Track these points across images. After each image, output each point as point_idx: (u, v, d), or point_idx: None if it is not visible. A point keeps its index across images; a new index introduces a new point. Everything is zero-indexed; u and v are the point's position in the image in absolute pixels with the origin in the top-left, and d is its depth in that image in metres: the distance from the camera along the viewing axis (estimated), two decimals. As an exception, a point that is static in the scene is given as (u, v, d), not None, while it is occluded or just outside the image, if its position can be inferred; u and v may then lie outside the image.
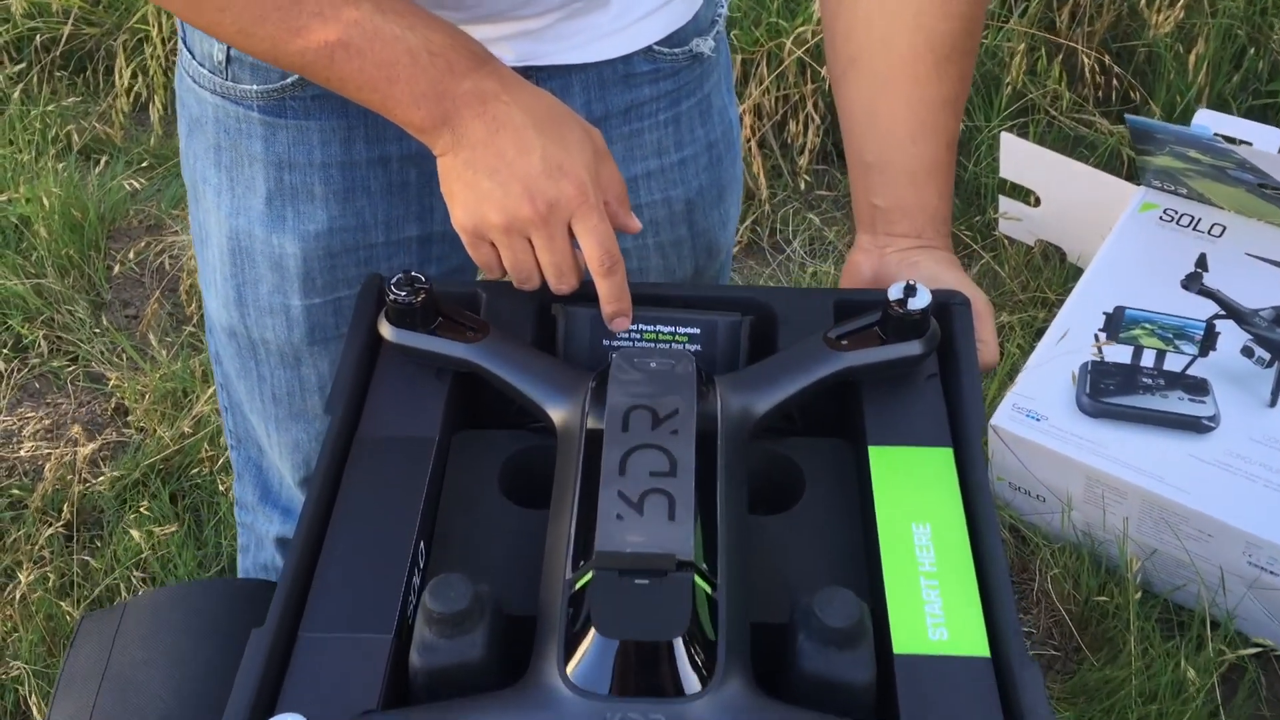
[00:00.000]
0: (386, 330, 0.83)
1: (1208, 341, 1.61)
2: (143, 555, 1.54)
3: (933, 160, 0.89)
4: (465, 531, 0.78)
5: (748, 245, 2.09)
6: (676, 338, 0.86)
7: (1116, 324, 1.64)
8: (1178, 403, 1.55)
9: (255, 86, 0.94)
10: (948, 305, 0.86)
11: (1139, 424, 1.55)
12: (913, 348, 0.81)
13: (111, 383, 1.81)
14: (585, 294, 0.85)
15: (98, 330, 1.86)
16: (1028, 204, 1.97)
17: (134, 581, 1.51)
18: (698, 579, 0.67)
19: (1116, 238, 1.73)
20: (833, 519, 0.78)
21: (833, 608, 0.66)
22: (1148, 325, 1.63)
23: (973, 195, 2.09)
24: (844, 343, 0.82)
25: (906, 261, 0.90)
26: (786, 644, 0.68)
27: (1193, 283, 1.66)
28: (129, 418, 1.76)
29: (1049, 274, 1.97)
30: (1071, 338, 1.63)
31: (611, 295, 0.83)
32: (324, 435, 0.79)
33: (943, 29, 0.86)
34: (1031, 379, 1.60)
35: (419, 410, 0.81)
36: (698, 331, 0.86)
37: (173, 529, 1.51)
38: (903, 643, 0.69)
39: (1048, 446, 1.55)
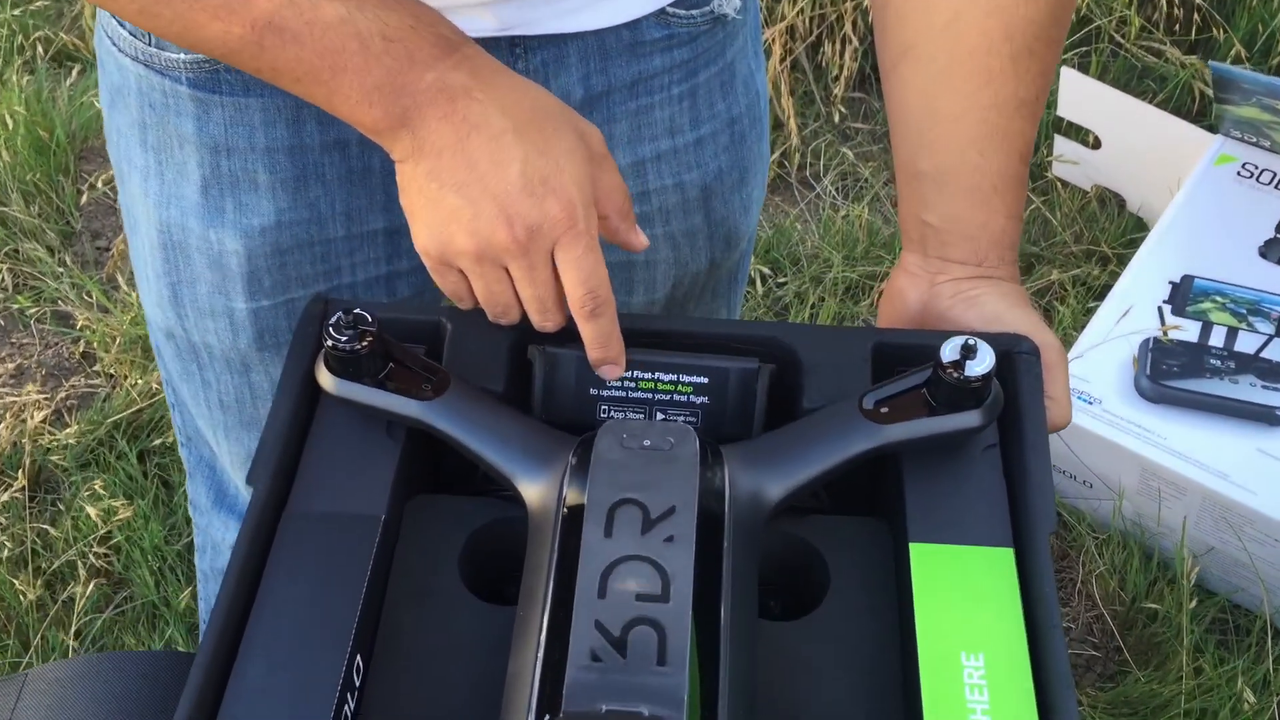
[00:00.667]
0: (325, 379, 0.68)
1: (1286, 319, 1.44)
2: (106, 528, 1.42)
3: (1001, 173, 0.73)
4: (415, 637, 0.64)
5: (774, 181, 1.92)
6: (680, 388, 0.71)
7: (1183, 295, 1.47)
8: (1249, 389, 1.40)
9: (183, 56, 0.77)
10: (1011, 355, 0.71)
11: (1204, 412, 1.40)
12: (969, 419, 0.66)
13: (80, 324, 1.67)
14: (574, 330, 0.70)
15: (62, 267, 1.71)
16: (1086, 145, 1.79)
17: (92, 559, 1.39)
18: (691, 747, 0.53)
19: (1188, 194, 1.55)
20: (862, 631, 0.64)
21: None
22: (1219, 298, 1.46)
23: (1025, 131, 1.90)
24: (884, 410, 0.66)
25: (963, 295, 0.74)
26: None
27: (1272, 250, 1.49)
28: (96, 366, 1.63)
29: (1105, 223, 1.79)
30: (1132, 311, 1.46)
31: (597, 340, 0.68)
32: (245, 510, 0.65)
33: (1024, 14, 0.69)
34: (1085, 357, 1.44)
35: (364, 479, 0.67)
36: (705, 381, 0.71)
37: (128, 514, 1.38)
38: (946, 821, 0.56)
39: (1100, 435, 1.40)
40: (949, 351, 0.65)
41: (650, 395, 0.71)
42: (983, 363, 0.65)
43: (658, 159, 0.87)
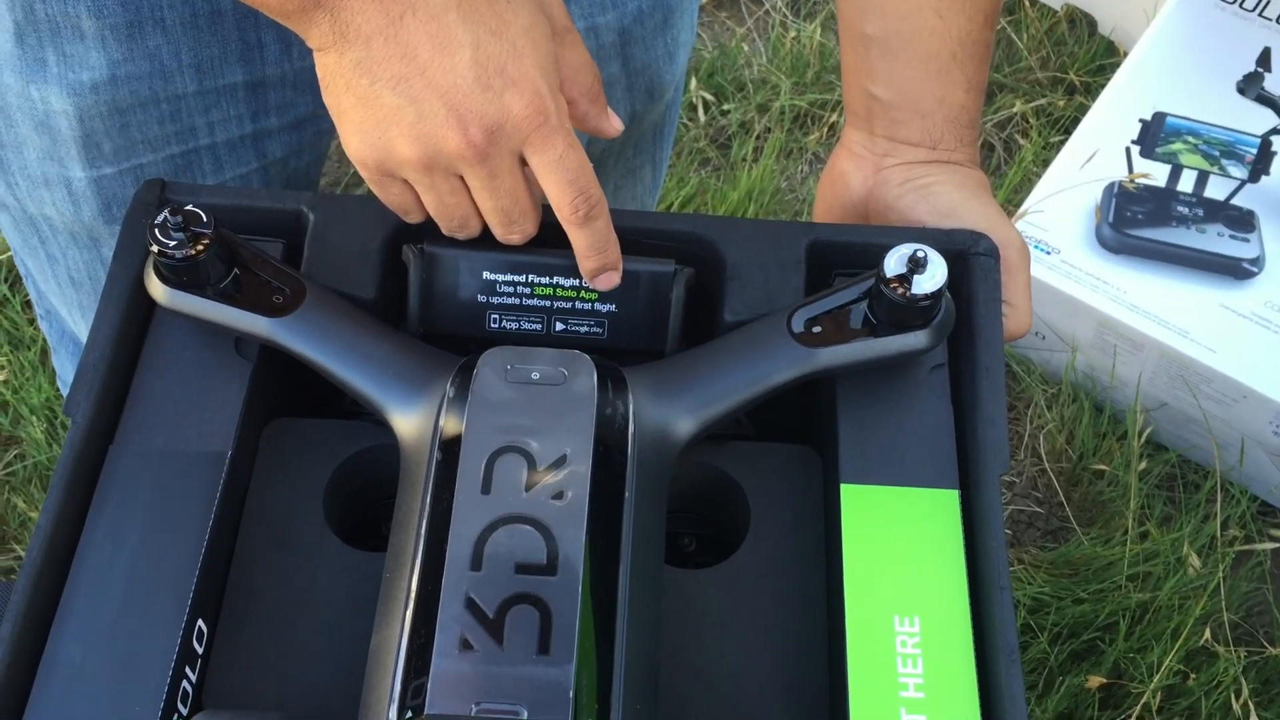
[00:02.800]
0: (156, 289, 0.57)
1: (1261, 163, 1.34)
2: (-12, 383, 1.32)
3: (963, 39, 0.62)
4: (269, 592, 0.55)
5: (721, -5, 1.76)
6: (583, 294, 0.61)
7: (1154, 135, 1.37)
8: (1216, 240, 1.31)
9: None
10: (966, 256, 0.61)
11: (1168, 263, 1.31)
12: (914, 340, 0.57)
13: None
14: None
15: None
16: (1058, -39, 1.65)
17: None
18: (578, 748, 0.46)
19: (1164, 20, 1.42)
20: (784, 583, 0.56)
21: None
22: (1191, 138, 1.36)
23: (993, -58, 1.75)
24: (816, 330, 0.57)
25: (913, 183, 0.64)
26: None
27: (1251, 85, 1.38)
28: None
29: (1075, 47, 1.67)
30: (1098, 154, 1.36)
31: (593, 247, 0.58)
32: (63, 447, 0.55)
33: None
34: (1045, 203, 1.34)
35: (208, 406, 0.57)
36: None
37: (1, 378, 1.27)
38: (871, 813, 0.49)
39: (1056, 287, 1.31)
40: (894, 264, 0.55)
41: (548, 303, 0.61)
42: (933, 277, 0.55)
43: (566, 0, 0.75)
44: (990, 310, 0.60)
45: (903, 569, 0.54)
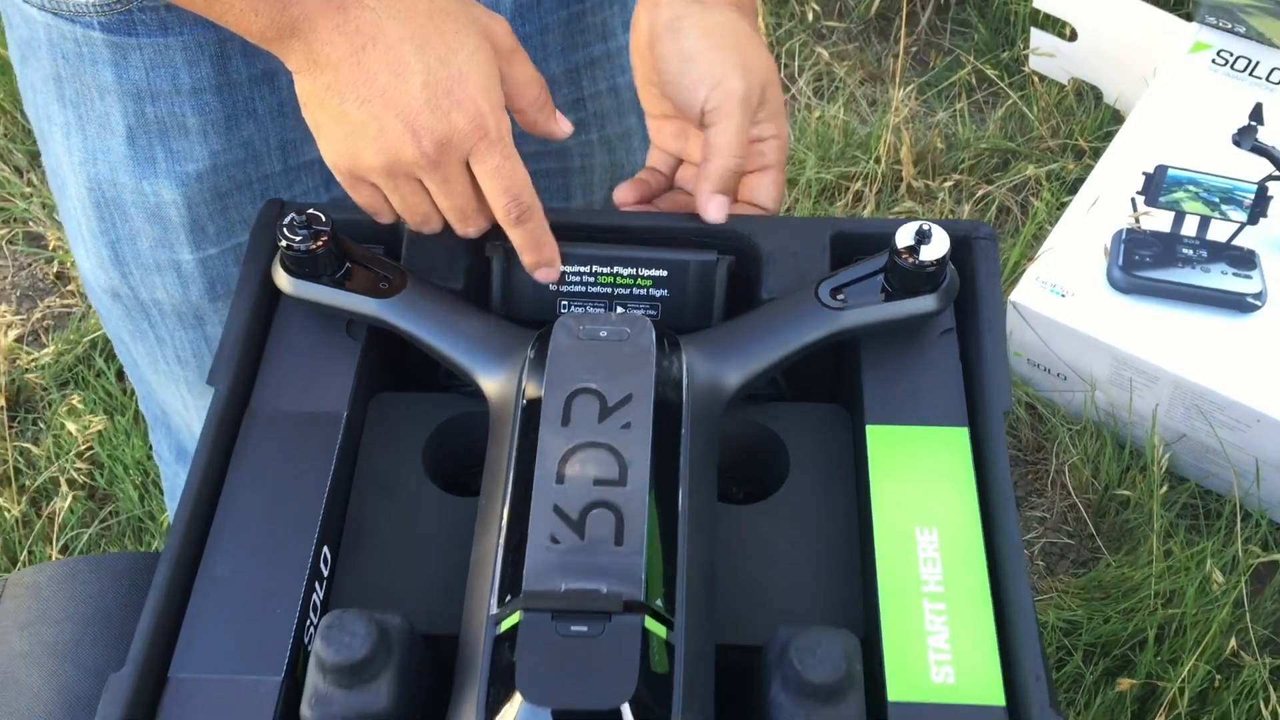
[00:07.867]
0: (282, 280, 0.68)
1: (1258, 207, 1.44)
2: (87, 445, 1.43)
3: None
4: (380, 528, 0.65)
5: (750, 82, 1.90)
6: (639, 281, 0.72)
7: (1157, 186, 1.47)
8: (1220, 277, 1.40)
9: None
10: (968, 240, 0.71)
11: (1176, 301, 1.40)
12: (925, 304, 0.67)
13: (52, 244, 1.66)
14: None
15: (31, 187, 1.70)
16: (1063, 38, 1.77)
17: (74, 474, 1.40)
18: (649, 621, 0.54)
19: (1161, 84, 1.54)
20: (821, 511, 0.65)
21: (814, 658, 0.54)
22: (1191, 187, 1.46)
23: (1001, 25, 1.88)
24: (840, 297, 0.67)
25: (675, 23, 0.70)
26: (759, 688, 0.56)
27: (1245, 137, 1.48)
28: (70, 286, 1.62)
29: (1082, 117, 1.78)
30: (1105, 202, 1.46)
31: (527, 245, 0.69)
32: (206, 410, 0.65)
33: None
34: (1058, 250, 1.44)
35: (326, 377, 0.67)
36: (664, 274, 0.72)
37: (101, 426, 1.39)
38: (900, 687, 0.57)
39: (1072, 326, 1.41)
40: (903, 237, 0.65)
41: (609, 289, 0.72)
42: (937, 247, 0.65)
43: (591, 64, 0.86)
44: (990, 283, 0.70)
45: (922, 490, 0.63)
